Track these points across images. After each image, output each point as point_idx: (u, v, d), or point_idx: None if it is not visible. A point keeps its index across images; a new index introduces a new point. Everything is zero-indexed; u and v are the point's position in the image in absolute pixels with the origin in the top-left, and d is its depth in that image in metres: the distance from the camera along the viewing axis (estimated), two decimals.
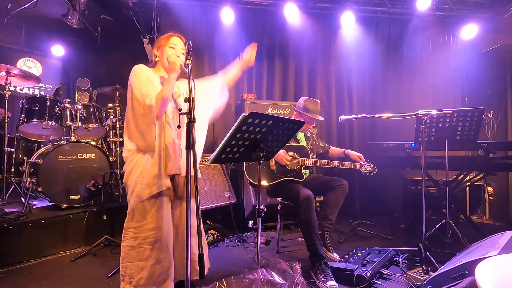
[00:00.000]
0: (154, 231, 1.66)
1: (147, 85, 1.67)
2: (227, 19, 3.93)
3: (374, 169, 2.64)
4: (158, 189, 1.65)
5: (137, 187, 1.66)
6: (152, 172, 1.66)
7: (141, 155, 1.69)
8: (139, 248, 1.67)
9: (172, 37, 1.84)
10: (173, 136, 1.73)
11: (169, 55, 1.76)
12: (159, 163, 1.67)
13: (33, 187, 2.88)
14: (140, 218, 1.67)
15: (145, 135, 1.66)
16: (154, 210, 1.67)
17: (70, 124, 3.27)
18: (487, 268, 1.21)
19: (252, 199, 3.32)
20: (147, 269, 1.65)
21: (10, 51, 4.71)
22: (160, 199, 1.69)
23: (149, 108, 1.62)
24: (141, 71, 1.72)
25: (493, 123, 4.12)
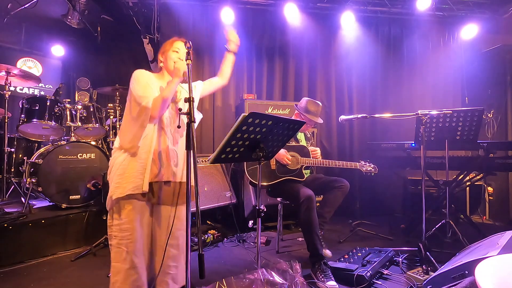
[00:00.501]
0: (128, 232, 1.62)
1: (145, 89, 1.67)
2: (227, 19, 3.93)
3: (375, 169, 2.66)
4: (131, 191, 1.60)
5: (112, 185, 1.64)
6: (128, 173, 1.62)
7: (120, 153, 1.67)
8: (117, 248, 1.64)
9: (176, 42, 1.83)
10: (167, 142, 1.71)
11: (175, 61, 1.76)
12: (143, 165, 1.63)
13: (33, 187, 2.88)
14: (117, 216, 1.65)
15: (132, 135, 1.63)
16: (129, 210, 1.62)
17: (70, 124, 3.27)
18: (487, 268, 1.21)
19: (252, 199, 3.32)
20: (123, 272, 1.61)
21: (10, 51, 4.71)
22: (136, 201, 1.64)
23: (144, 109, 1.60)
24: (141, 75, 1.71)
25: (493, 123, 4.12)
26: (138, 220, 1.65)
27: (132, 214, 1.63)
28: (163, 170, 1.67)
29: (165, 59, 1.81)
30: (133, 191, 1.61)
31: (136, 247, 1.63)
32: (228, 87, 4.11)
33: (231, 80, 4.06)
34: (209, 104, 4.06)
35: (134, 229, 1.63)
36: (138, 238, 1.64)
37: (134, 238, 1.62)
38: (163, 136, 1.70)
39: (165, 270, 1.74)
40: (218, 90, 4.02)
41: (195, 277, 1.90)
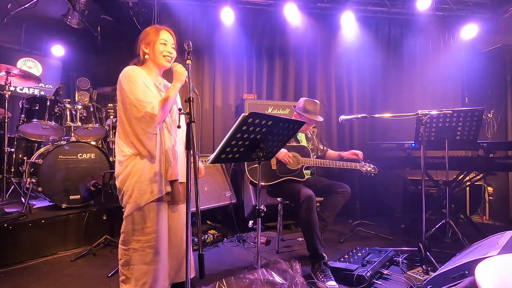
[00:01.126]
0: (154, 235, 1.65)
1: (144, 91, 1.63)
2: (227, 19, 3.93)
3: (374, 169, 2.66)
4: (158, 195, 1.64)
5: (134, 192, 1.62)
6: (150, 178, 1.64)
7: (138, 160, 1.65)
8: (141, 252, 1.65)
9: (162, 32, 1.74)
10: (172, 142, 1.73)
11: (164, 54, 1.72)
12: (159, 168, 1.66)
13: (33, 187, 2.88)
14: (140, 221, 1.65)
15: (145, 141, 1.63)
16: (153, 214, 1.66)
17: (70, 124, 3.27)
18: (487, 268, 1.21)
19: (252, 199, 3.32)
20: (152, 273, 1.64)
21: (10, 51, 4.70)
22: (158, 204, 1.68)
23: (151, 117, 1.58)
24: (135, 74, 1.66)
25: (493, 123, 4.12)
26: (160, 221, 1.68)
27: (156, 217, 1.66)
28: (171, 169, 1.69)
29: (152, 51, 1.73)
30: (158, 194, 1.65)
31: (162, 246, 1.68)
32: (228, 87, 4.12)
33: (231, 80, 4.11)
34: (209, 104, 4.06)
35: (160, 230, 1.67)
36: (162, 239, 1.69)
37: (161, 238, 1.67)
38: (168, 136, 1.72)
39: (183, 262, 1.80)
40: (218, 90, 4.07)
41: (195, 277, 1.91)
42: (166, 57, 1.73)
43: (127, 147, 1.66)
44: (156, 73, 1.79)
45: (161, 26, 1.79)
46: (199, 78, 4.02)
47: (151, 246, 1.65)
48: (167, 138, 1.71)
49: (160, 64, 1.74)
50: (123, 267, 1.68)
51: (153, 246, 1.65)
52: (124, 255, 1.67)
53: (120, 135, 1.70)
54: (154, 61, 1.75)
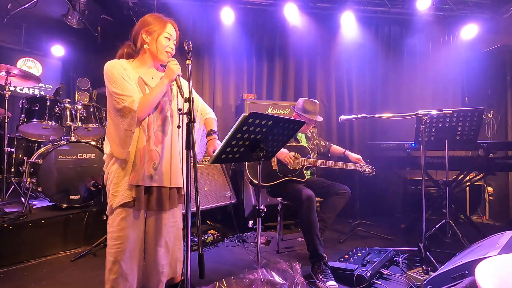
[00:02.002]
0: (119, 241, 1.56)
1: (123, 84, 1.53)
2: (227, 19, 3.93)
3: (372, 170, 2.68)
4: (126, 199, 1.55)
5: (109, 194, 1.58)
6: (123, 181, 1.57)
7: (113, 161, 1.59)
8: (107, 257, 1.59)
9: (168, 25, 1.66)
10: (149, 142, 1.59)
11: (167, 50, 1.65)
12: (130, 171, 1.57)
13: (33, 187, 2.88)
14: (110, 224, 1.59)
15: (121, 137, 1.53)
16: (120, 219, 1.57)
17: (70, 124, 3.27)
18: (487, 268, 1.21)
19: (252, 199, 3.32)
20: (110, 282, 1.57)
21: (10, 51, 4.70)
22: (129, 209, 1.58)
23: (130, 111, 1.49)
24: (112, 67, 1.57)
25: (493, 123, 4.12)
26: (129, 228, 1.58)
27: (124, 222, 1.57)
28: (144, 173, 1.57)
29: (154, 43, 1.63)
30: (128, 198, 1.56)
31: (126, 255, 1.58)
32: (228, 87, 4.12)
33: (231, 80, 4.11)
34: (209, 104, 4.01)
35: (126, 237, 1.57)
36: (129, 246, 1.59)
37: (125, 247, 1.57)
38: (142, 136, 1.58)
39: (159, 270, 1.74)
40: (218, 90, 4.07)
41: (195, 277, 1.91)
42: (168, 53, 1.67)
43: (107, 146, 1.62)
44: (149, 65, 1.69)
45: (167, 18, 1.68)
46: (199, 78, 4.02)
47: (112, 253, 1.57)
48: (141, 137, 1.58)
49: (159, 58, 1.66)
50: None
51: (113, 254, 1.56)
52: None
53: (106, 133, 1.64)
54: (152, 53, 1.65)
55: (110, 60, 1.69)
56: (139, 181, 1.57)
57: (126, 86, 1.54)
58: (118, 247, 1.57)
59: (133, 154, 1.57)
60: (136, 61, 1.69)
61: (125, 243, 1.57)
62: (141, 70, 1.68)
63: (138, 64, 1.68)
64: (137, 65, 1.68)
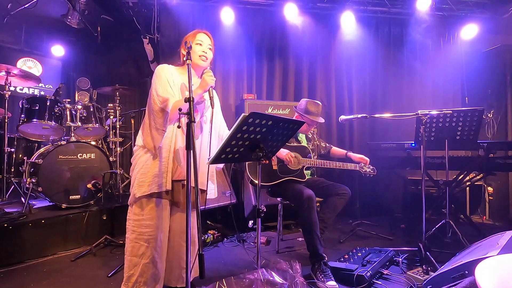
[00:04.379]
0: (150, 229, 1.67)
1: (165, 87, 1.68)
2: (227, 19, 3.93)
3: (373, 170, 2.68)
4: (155, 190, 1.66)
5: (135, 183, 1.68)
6: (151, 172, 1.67)
7: (144, 153, 1.71)
8: (134, 243, 1.67)
9: (199, 34, 1.83)
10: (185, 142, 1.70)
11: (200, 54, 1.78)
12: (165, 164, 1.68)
13: (33, 187, 2.88)
14: (138, 212, 1.69)
15: (154, 134, 1.67)
16: (151, 207, 1.68)
17: (70, 124, 3.27)
18: (487, 268, 1.21)
19: (252, 199, 3.32)
20: (140, 266, 1.65)
21: (10, 51, 4.70)
22: (158, 200, 1.70)
23: (162, 112, 1.63)
24: (162, 70, 1.73)
25: (493, 123, 4.12)
26: (159, 218, 1.70)
27: (153, 211, 1.68)
28: (180, 169, 1.71)
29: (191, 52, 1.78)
30: (157, 189, 1.66)
31: (157, 243, 1.68)
32: (228, 87, 4.12)
33: (231, 80, 4.11)
34: None
35: (155, 226, 1.68)
36: (158, 235, 1.69)
37: (155, 235, 1.68)
38: (181, 136, 1.74)
39: (181, 264, 1.82)
40: (218, 90, 4.07)
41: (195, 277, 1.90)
42: (201, 57, 1.79)
43: (140, 138, 1.74)
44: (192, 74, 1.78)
45: (201, 30, 1.86)
46: None
47: (145, 239, 1.66)
48: (180, 138, 1.73)
49: (195, 63, 1.79)
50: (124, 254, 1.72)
51: (146, 240, 1.66)
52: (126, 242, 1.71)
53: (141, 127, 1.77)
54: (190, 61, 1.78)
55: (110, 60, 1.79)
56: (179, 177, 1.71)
57: (167, 89, 1.69)
58: (150, 234, 1.67)
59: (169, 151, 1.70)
60: (182, 68, 1.84)
61: (156, 232, 1.68)
62: (185, 77, 1.81)
63: (183, 71, 1.82)
64: (182, 72, 1.82)
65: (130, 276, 1.65)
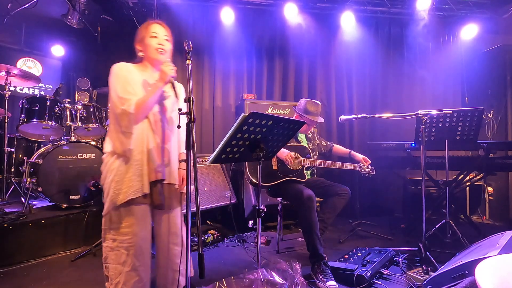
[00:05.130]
0: (128, 236, 1.59)
1: (124, 87, 1.59)
2: (227, 19, 3.93)
3: (372, 170, 2.70)
4: (132, 195, 1.57)
5: (111, 191, 1.59)
6: (126, 177, 1.58)
7: (114, 159, 1.61)
8: (116, 251, 1.60)
9: (152, 25, 1.71)
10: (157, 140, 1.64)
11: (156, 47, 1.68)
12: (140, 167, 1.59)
13: (33, 187, 2.88)
14: (116, 220, 1.61)
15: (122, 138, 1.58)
16: (129, 215, 1.60)
17: (70, 124, 3.27)
18: (487, 268, 1.21)
19: (252, 199, 3.32)
20: (123, 274, 1.59)
21: (10, 51, 4.70)
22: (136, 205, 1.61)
23: (126, 114, 1.54)
24: (119, 69, 1.63)
25: (493, 123, 4.12)
26: (138, 224, 1.62)
27: (132, 219, 1.60)
28: (157, 169, 1.62)
29: (144, 47, 1.71)
30: (134, 195, 1.57)
31: (137, 250, 1.61)
32: (228, 87, 4.12)
33: (231, 80, 4.11)
34: (209, 104, 4.06)
35: (135, 233, 1.60)
36: (138, 242, 1.62)
37: (135, 242, 1.60)
38: (154, 134, 1.64)
39: (174, 268, 1.75)
40: (218, 90, 4.07)
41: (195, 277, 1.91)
42: (159, 50, 1.69)
43: (108, 144, 1.65)
44: (152, 69, 1.74)
45: (152, 20, 1.75)
46: (199, 78, 4.02)
47: (125, 247, 1.59)
48: (151, 137, 1.63)
49: (153, 58, 1.70)
50: (103, 263, 1.65)
51: (127, 248, 1.59)
52: (104, 251, 1.65)
53: (108, 132, 1.69)
54: (148, 56, 1.72)
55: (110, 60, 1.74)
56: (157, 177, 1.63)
57: (127, 88, 1.59)
58: (129, 242, 1.60)
59: (141, 152, 1.61)
60: (140, 65, 1.76)
61: (134, 239, 1.60)
62: (146, 74, 1.73)
63: (142, 68, 1.75)
64: (142, 69, 1.74)
65: (116, 284, 1.59)
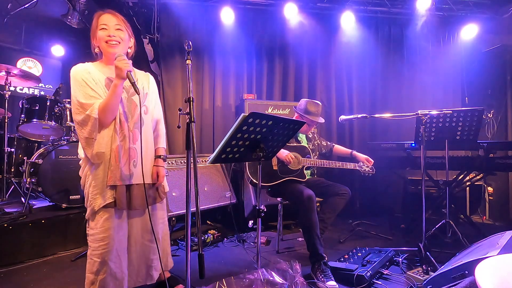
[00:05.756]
0: (104, 242, 1.56)
1: (84, 91, 1.53)
2: (227, 19, 3.93)
3: (372, 169, 2.70)
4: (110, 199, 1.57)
5: (89, 197, 1.58)
6: (102, 182, 1.57)
7: (89, 165, 1.59)
8: (90, 259, 1.59)
9: (101, 17, 1.61)
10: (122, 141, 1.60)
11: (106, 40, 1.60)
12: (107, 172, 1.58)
13: (33, 187, 2.88)
14: (92, 225, 1.60)
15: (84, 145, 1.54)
16: (104, 220, 1.58)
17: (70, 124, 3.27)
18: (487, 268, 1.21)
19: (252, 199, 3.32)
20: (97, 283, 1.57)
21: (10, 51, 4.70)
22: (112, 210, 1.60)
23: (90, 120, 1.49)
24: (76, 73, 1.56)
25: (493, 123, 4.12)
26: (114, 228, 1.60)
27: (108, 222, 1.58)
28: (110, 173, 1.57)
29: (97, 41, 1.63)
30: (112, 199, 1.57)
31: (114, 254, 1.59)
32: (228, 87, 4.12)
33: (231, 80, 4.11)
34: (209, 104, 4.06)
35: (111, 237, 1.58)
36: (115, 245, 1.60)
37: (111, 247, 1.58)
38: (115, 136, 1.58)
39: (149, 264, 1.77)
40: (218, 90, 4.07)
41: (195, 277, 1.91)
42: (109, 42, 1.60)
43: (81, 150, 1.61)
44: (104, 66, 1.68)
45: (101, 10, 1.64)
46: (199, 78, 4.01)
47: (97, 255, 1.57)
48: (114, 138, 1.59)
49: (106, 52, 1.62)
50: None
51: (99, 255, 1.56)
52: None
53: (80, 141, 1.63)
54: (103, 51, 1.64)
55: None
56: (117, 181, 1.58)
57: (88, 92, 1.54)
58: (104, 248, 1.57)
59: (108, 155, 1.57)
60: (101, 62, 1.70)
61: (111, 243, 1.57)
62: (107, 70, 1.67)
63: (102, 65, 1.68)
64: (102, 66, 1.68)
65: None
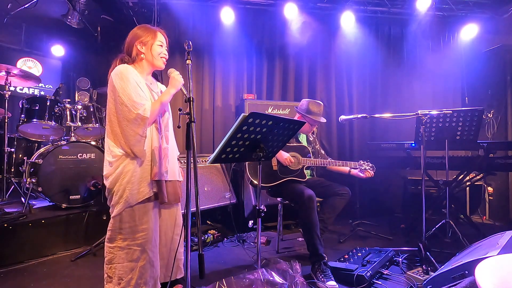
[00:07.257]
0: (144, 233, 1.66)
1: (136, 92, 1.63)
2: (227, 19, 3.93)
3: (372, 168, 2.67)
4: (148, 194, 1.66)
5: (126, 193, 1.63)
6: (141, 178, 1.66)
7: (129, 161, 1.65)
8: (128, 249, 1.65)
9: (159, 34, 1.80)
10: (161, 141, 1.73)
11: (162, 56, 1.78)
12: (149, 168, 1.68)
13: (33, 187, 2.88)
14: (129, 220, 1.65)
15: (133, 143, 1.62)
16: (143, 213, 1.67)
17: (70, 124, 3.27)
18: (487, 268, 1.21)
19: (252, 199, 3.32)
20: (137, 269, 1.65)
21: (10, 51, 4.70)
22: (149, 204, 1.69)
23: (142, 119, 1.60)
24: (128, 74, 1.66)
25: (493, 123, 4.12)
26: (151, 221, 1.70)
27: (147, 216, 1.68)
28: (162, 169, 1.70)
29: (149, 52, 1.76)
30: (149, 194, 1.66)
31: (152, 243, 1.69)
32: (228, 87, 4.12)
33: (231, 80, 4.12)
34: (209, 104, 4.06)
35: (150, 229, 1.69)
36: (153, 236, 1.70)
37: (150, 237, 1.68)
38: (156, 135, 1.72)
39: (179, 257, 1.85)
40: (218, 90, 4.08)
41: (195, 277, 1.91)
42: (163, 59, 1.80)
43: (117, 148, 1.65)
44: (147, 72, 1.82)
45: (155, 27, 1.82)
46: (199, 78, 4.02)
47: (139, 244, 1.65)
48: (155, 137, 1.71)
49: (156, 65, 1.79)
50: (106, 265, 1.68)
51: (140, 244, 1.66)
52: (109, 253, 1.67)
53: (109, 135, 1.68)
54: (149, 61, 1.78)
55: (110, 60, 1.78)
56: (162, 176, 1.70)
57: (140, 93, 1.65)
58: (144, 238, 1.67)
59: (149, 153, 1.69)
60: (137, 66, 1.79)
61: (150, 234, 1.68)
62: (144, 76, 1.79)
63: (140, 70, 1.79)
64: (140, 71, 1.78)
65: (129, 280, 1.64)
